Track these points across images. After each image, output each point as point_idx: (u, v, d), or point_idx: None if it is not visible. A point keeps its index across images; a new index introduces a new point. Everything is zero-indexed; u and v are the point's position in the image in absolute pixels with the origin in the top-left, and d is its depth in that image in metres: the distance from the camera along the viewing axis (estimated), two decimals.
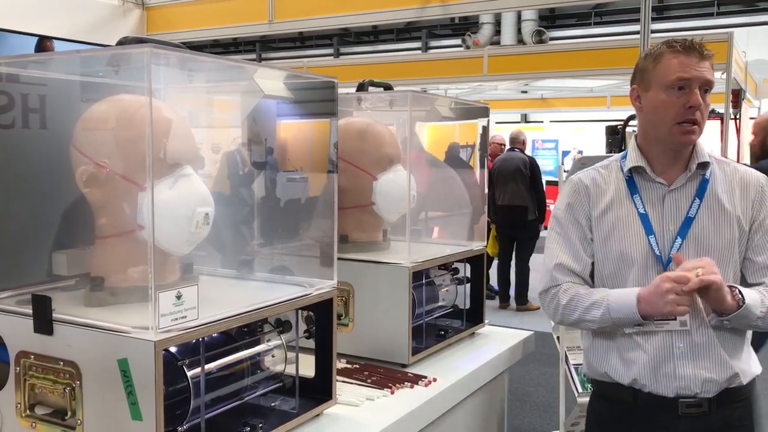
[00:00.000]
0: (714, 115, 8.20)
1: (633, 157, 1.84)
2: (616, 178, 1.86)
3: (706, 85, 1.75)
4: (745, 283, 1.79)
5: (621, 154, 1.93)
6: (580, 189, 1.88)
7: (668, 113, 1.73)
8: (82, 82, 1.50)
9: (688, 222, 1.77)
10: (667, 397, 1.75)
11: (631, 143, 1.89)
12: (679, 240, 1.76)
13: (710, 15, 11.34)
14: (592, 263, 1.85)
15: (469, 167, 2.60)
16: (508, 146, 7.39)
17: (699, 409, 1.74)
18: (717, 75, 6.94)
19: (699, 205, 1.78)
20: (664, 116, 1.74)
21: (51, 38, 1.81)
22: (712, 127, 8.71)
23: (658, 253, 1.76)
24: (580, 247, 1.85)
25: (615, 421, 1.83)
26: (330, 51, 13.84)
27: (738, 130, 7.44)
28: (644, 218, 1.79)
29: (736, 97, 7.15)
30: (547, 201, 7.33)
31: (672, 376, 1.74)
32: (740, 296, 1.67)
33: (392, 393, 1.73)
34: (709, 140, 8.85)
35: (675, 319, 1.73)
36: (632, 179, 1.83)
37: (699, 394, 1.73)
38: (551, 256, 1.88)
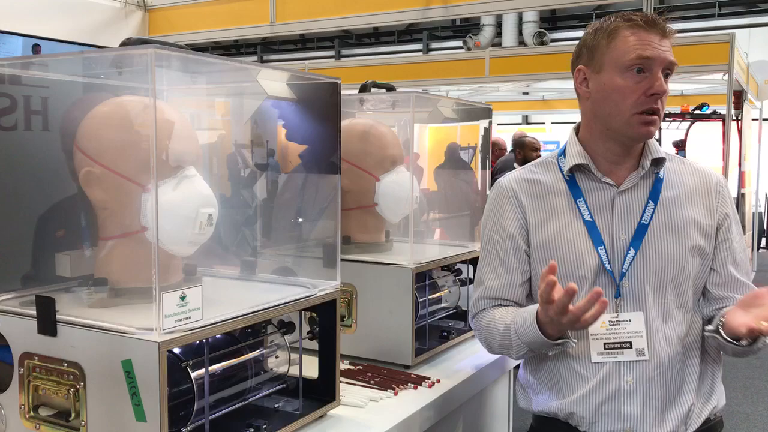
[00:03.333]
0: (716, 116, 8.21)
1: (574, 153, 1.57)
2: (554, 178, 1.60)
3: (669, 68, 1.48)
4: (708, 297, 1.58)
5: (556, 151, 1.67)
6: (509, 195, 1.61)
7: (626, 101, 1.46)
8: (85, 83, 1.50)
9: (641, 230, 1.52)
10: None
11: (569, 136, 1.62)
12: (632, 251, 1.51)
13: (712, 16, 11.35)
14: (529, 281, 1.61)
15: (469, 168, 2.60)
16: (510, 148, 7.38)
17: None
18: (719, 76, 6.95)
19: (653, 209, 1.53)
20: (621, 104, 1.47)
21: (42, 39, 1.81)
22: (714, 129, 8.71)
23: (608, 267, 1.51)
24: (513, 261, 1.59)
25: None
26: (331, 53, 13.86)
27: (740, 132, 7.43)
28: (591, 226, 1.53)
29: (738, 98, 7.15)
30: None
31: (616, 415, 1.49)
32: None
33: (396, 394, 1.73)
34: (711, 142, 8.86)
35: (630, 347, 1.48)
36: (574, 180, 1.57)
37: None
38: (478, 280, 1.66)
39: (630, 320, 1.51)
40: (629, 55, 1.46)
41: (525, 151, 6.53)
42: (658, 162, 1.57)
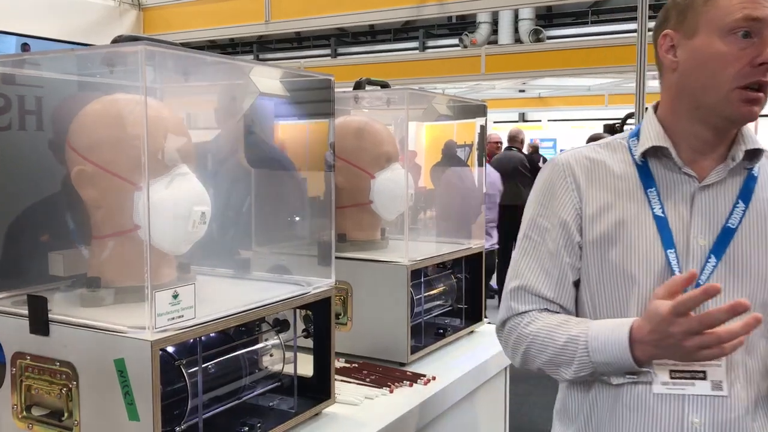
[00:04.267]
0: None
1: (651, 134, 1.28)
2: (622, 162, 1.30)
3: None
4: None
5: (629, 131, 1.37)
6: (565, 175, 1.31)
7: (726, 71, 1.17)
8: (78, 82, 1.50)
9: (726, 235, 1.23)
10: None
11: (647, 115, 1.32)
12: (712, 260, 1.21)
13: None
14: (577, 283, 1.30)
15: (466, 165, 2.59)
16: (505, 145, 7.40)
17: None
18: None
19: (744, 211, 1.24)
20: (719, 75, 1.18)
21: (36, 39, 1.80)
22: None
23: (678, 275, 1.19)
24: (564, 255, 1.29)
25: None
26: (327, 51, 13.84)
27: None
28: (662, 223, 1.24)
29: None
30: None
31: None
32: None
33: (391, 392, 1.72)
34: None
35: (704, 377, 1.17)
36: (647, 166, 1.28)
37: None
38: (513, 274, 1.33)
39: None
40: (734, 15, 1.17)
41: None
42: (754, 155, 1.27)
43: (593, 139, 6.87)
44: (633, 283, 1.24)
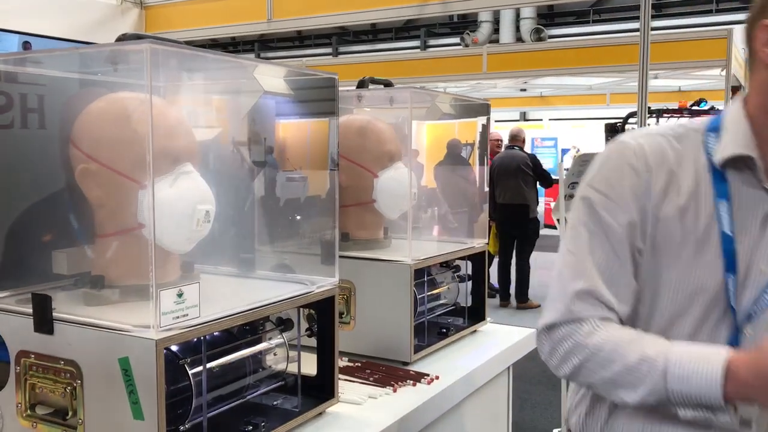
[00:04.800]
0: (713, 112, 8.20)
1: (737, 137, 1.10)
2: (694, 162, 1.12)
3: None
4: None
5: (706, 120, 1.17)
6: (638, 167, 1.12)
7: None
8: (81, 80, 1.49)
9: None
10: None
11: (734, 111, 1.14)
12: None
13: (709, 12, 11.35)
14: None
15: (469, 165, 2.59)
16: (507, 144, 7.39)
17: None
18: (716, 72, 6.95)
19: None
20: None
21: (38, 37, 1.80)
22: None
23: (732, 303, 1.09)
24: (628, 263, 1.12)
25: None
26: (329, 50, 13.85)
27: None
28: (727, 243, 1.09)
29: (736, 94, 7.15)
30: (547, 199, 7.34)
31: None
32: None
33: (395, 391, 1.72)
34: None
35: (749, 426, 1.10)
36: (723, 173, 1.11)
37: None
38: (574, 271, 1.13)
39: None
40: None
41: None
42: None
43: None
44: (686, 302, 1.11)
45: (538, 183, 7.07)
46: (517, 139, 7.19)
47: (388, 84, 2.18)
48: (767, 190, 1.10)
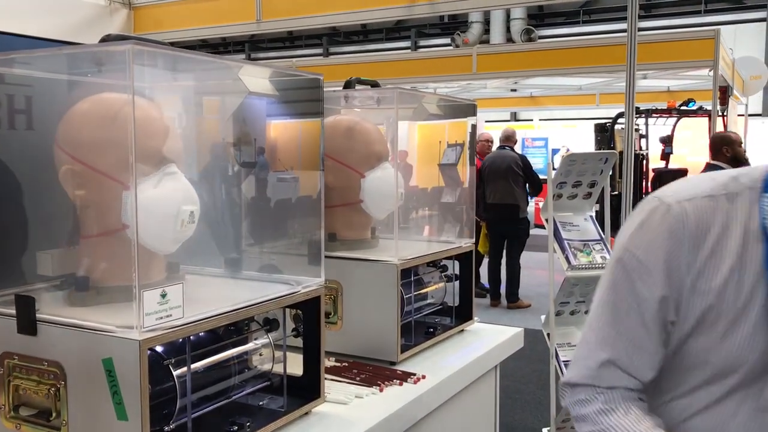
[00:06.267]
0: (702, 111, 8.26)
1: None
2: (744, 225, 1.02)
3: None
4: None
5: (762, 173, 1.04)
6: (682, 232, 1.03)
7: None
8: (67, 82, 1.49)
9: None
10: None
11: None
12: None
13: (698, 13, 11.42)
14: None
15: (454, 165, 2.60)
16: (498, 144, 7.40)
17: None
18: (704, 72, 7.00)
19: None
20: None
21: (25, 38, 1.80)
22: (699, 124, 8.77)
23: None
24: (656, 335, 1.07)
25: None
26: (319, 50, 13.84)
27: (725, 127, 7.48)
28: None
29: (724, 94, 7.20)
30: (537, 199, 7.36)
31: None
32: None
33: (381, 390, 1.73)
34: (697, 137, 8.91)
35: None
36: None
37: None
38: (603, 338, 1.11)
39: None
40: None
41: (733, 147, 4.70)
42: None
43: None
44: (716, 367, 1.05)
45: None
46: (509, 140, 7.20)
47: (374, 85, 2.19)
48: None
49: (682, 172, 7.32)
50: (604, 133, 8.71)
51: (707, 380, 1.06)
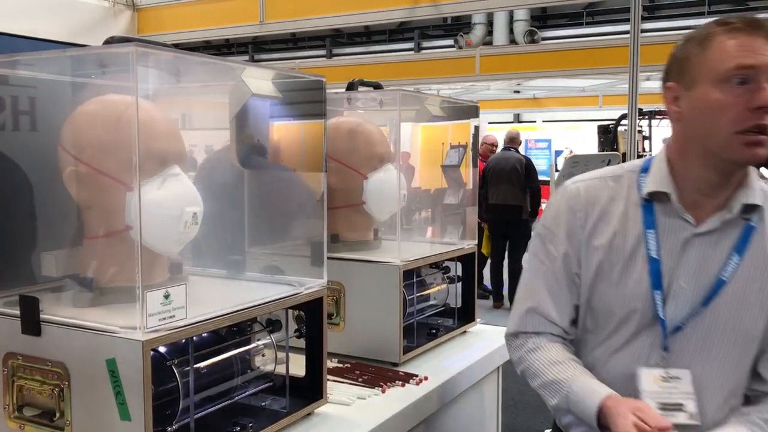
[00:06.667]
0: None
1: (658, 176, 1.34)
2: (626, 198, 1.37)
3: None
4: (757, 381, 1.37)
5: (641, 162, 1.41)
6: (576, 204, 1.40)
7: (724, 117, 1.22)
8: (71, 83, 1.50)
9: (718, 285, 1.30)
10: None
11: (658, 156, 1.38)
12: (698, 307, 1.31)
13: (701, 14, 11.40)
14: (577, 308, 1.43)
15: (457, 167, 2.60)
16: (502, 146, 7.40)
17: None
18: None
19: (738, 263, 1.30)
20: (718, 122, 1.23)
21: (29, 39, 1.80)
22: None
23: (661, 315, 1.31)
24: (566, 284, 1.40)
25: None
26: (323, 52, 13.84)
27: None
28: (655, 265, 1.32)
29: None
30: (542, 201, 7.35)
31: None
32: None
33: (383, 392, 1.73)
34: None
35: (681, 408, 1.30)
36: (651, 207, 1.34)
37: None
38: (527, 292, 1.45)
39: (680, 378, 1.33)
40: (727, 65, 1.21)
41: None
42: (750, 209, 1.31)
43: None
44: (621, 313, 1.35)
45: None
46: (514, 142, 7.19)
47: (377, 86, 2.19)
48: (686, 220, 1.32)
49: None
50: (607, 135, 8.71)
51: (615, 327, 1.37)
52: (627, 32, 4.39)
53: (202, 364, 1.35)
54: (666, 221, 1.33)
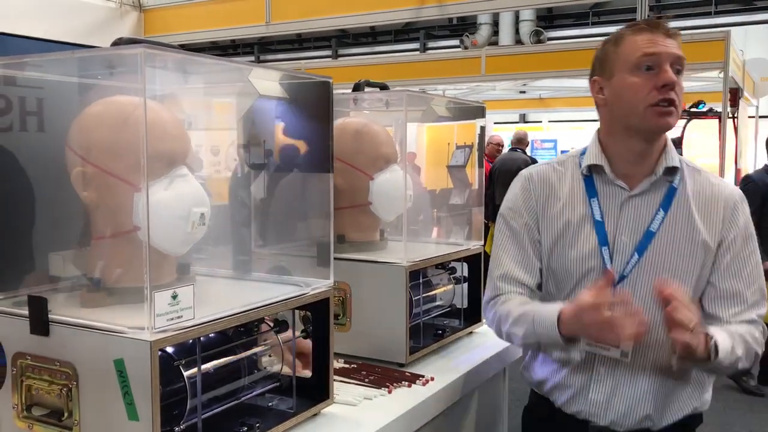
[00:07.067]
0: (712, 113, 8.22)
1: (593, 153, 1.64)
2: (572, 177, 1.67)
3: (678, 63, 1.54)
4: (701, 312, 1.59)
5: (581, 148, 1.72)
6: (529, 187, 1.69)
7: (638, 95, 1.52)
8: (79, 84, 1.50)
9: (648, 236, 1.57)
10: (575, 418, 1.63)
11: (592, 138, 1.69)
12: (635, 256, 1.57)
13: (708, 14, 11.36)
14: (541, 272, 1.69)
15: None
16: (509, 146, 7.39)
17: None
18: (714, 74, 6.96)
19: (663, 217, 1.58)
20: (634, 100, 1.53)
21: (36, 40, 1.81)
22: (711, 126, 8.72)
23: (608, 267, 1.57)
24: (530, 250, 1.67)
25: (528, 428, 1.83)
26: (328, 52, 13.86)
27: (736, 129, 7.44)
28: (599, 226, 1.60)
29: (734, 95, 7.16)
30: None
31: (584, 399, 1.61)
32: (713, 346, 1.44)
33: (390, 392, 1.73)
34: (707, 139, 8.86)
35: (617, 345, 1.52)
36: (592, 180, 1.63)
37: (609, 426, 1.60)
38: (497, 263, 1.71)
39: None
40: (636, 54, 1.53)
41: None
42: (672, 171, 1.60)
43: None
44: (578, 271, 1.61)
45: None
46: (521, 142, 7.19)
47: (383, 87, 2.19)
48: (620, 186, 1.60)
49: None
50: None
51: (573, 287, 1.62)
52: None
53: (209, 365, 1.36)
54: (605, 189, 1.62)
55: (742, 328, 1.55)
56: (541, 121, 16.13)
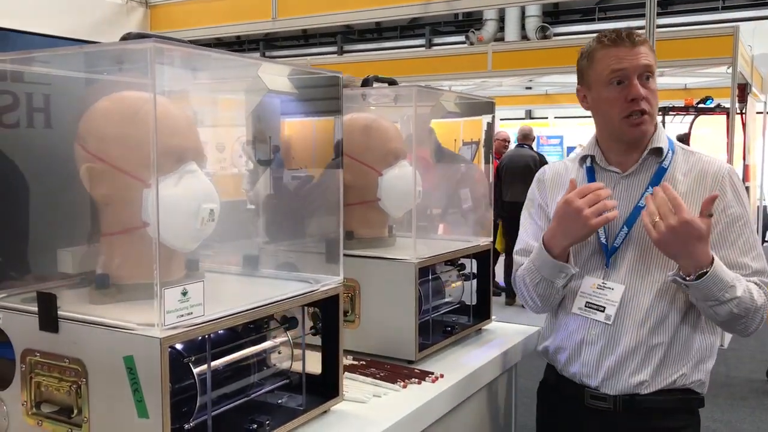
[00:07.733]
0: (720, 109, 8.19)
1: (588, 146, 1.87)
2: (576, 170, 1.87)
3: (646, 71, 1.67)
4: None
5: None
6: (542, 178, 1.96)
7: (613, 110, 1.69)
8: (86, 80, 1.49)
9: (636, 211, 1.71)
10: (574, 382, 1.79)
11: (591, 136, 1.89)
12: (624, 229, 1.73)
13: (716, 9, 11.30)
14: None
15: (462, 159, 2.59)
16: (515, 142, 7.36)
17: (604, 404, 1.72)
18: (722, 69, 6.92)
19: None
20: (610, 113, 1.70)
21: (43, 36, 1.81)
22: (718, 122, 8.69)
23: (603, 240, 1.75)
24: (544, 225, 1.86)
25: (540, 399, 2.01)
26: (334, 48, 13.84)
27: (744, 125, 7.41)
28: None
29: (743, 91, 7.13)
30: None
31: (579, 360, 1.76)
32: (712, 259, 1.56)
33: (404, 386, 1.72)
34: (715, 135, 8.83)
35: (603, 311, 1.71)
36: (592, 169, 1.83)
37: (600, 388, 1.73)
38: (519, 243, 1.95)
39: (613, 289, 1.73)
40: (605, 72, 1.68)
41: None
42: (658, 151, 1.75)
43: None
44: (575, 248, 1.78)
45: None
46: (527, 138, 7.16)
47: (392, 82, 2.18)
48: (613, 171, 1.79)
49: None
50: None
51: (586, 259, 1.79)
52: (640, 28, 4.34)
53: (219, 362, 1.35)
54: (602, 174, 1.81)
55: (745, 280, 1.65)
56: (547, 117, 16.10)
